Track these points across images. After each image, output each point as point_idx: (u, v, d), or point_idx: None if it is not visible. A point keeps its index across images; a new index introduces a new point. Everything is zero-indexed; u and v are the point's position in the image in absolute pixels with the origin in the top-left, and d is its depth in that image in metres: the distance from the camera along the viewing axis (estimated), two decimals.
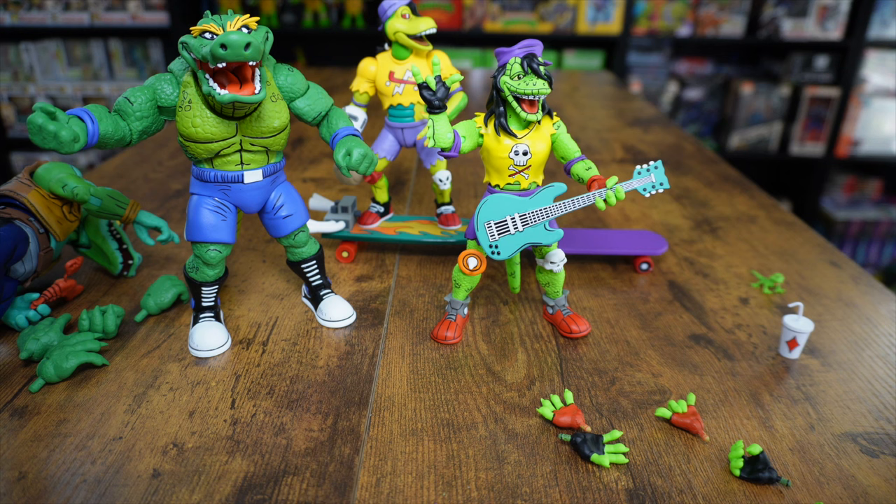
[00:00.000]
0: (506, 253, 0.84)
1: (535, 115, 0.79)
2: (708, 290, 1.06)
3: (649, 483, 0.67)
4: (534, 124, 0.82)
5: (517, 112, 0.79)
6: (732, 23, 2.96)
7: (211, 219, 0.83)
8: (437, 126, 0.80)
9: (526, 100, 0.78)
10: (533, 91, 0.77)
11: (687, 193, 1.49)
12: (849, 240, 3.10)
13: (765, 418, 0.77)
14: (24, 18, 2.86)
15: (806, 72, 3.02)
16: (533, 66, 0.77)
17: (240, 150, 0.80)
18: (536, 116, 0.79)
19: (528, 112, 0.79)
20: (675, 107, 3.18)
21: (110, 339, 0.89)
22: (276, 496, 0.65)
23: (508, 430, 0.74)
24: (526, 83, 0.77)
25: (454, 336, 0.90)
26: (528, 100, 0.78)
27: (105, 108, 0.75)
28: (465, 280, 0.90)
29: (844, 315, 1.00)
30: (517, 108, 0.79)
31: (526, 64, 0.77)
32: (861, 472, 0.70)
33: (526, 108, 0.79)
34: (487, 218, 0.83)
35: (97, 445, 0.71)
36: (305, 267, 0.94)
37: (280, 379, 0.82)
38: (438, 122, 0.80)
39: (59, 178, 0.90)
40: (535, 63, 0.77)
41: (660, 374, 0.85)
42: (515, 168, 0.82)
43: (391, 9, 0.98)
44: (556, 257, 0.87)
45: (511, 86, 0.78)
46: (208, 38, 0.70)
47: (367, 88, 1.05)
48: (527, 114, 0.79)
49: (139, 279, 1.06)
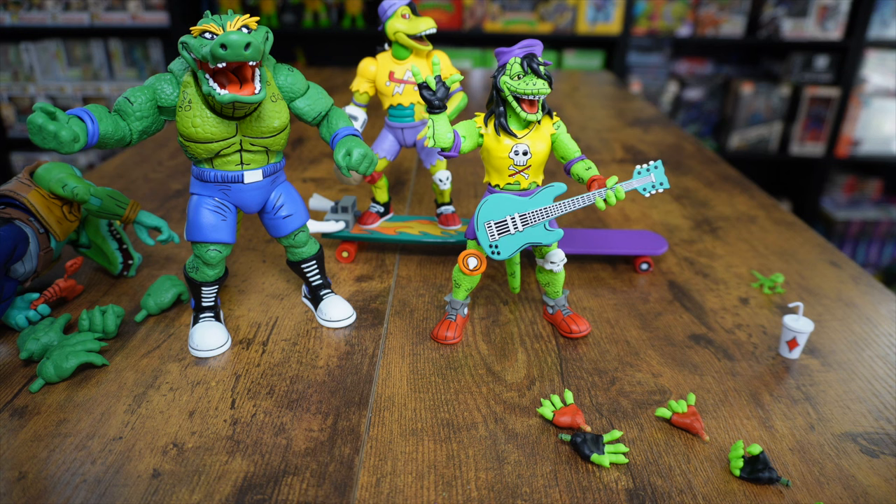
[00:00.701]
0: (506, 253, 0.84)
1: (535, 115, 0.79)
2: (708, 290, 1.06)
3: (649, 483, 0.67)
4: (534, 124, 0.82)
5: (517, 112, 0.79)
6: (732, 23, 2.96)
7: (211, 219, 0.83)
8: (437, 126, 0.80)
9: (526, 100, 0.78)
10: (533, 91, 0.77)
11: (687, 193, 1.49)
12: (849, 240, 3.10)
13: (765, 418, 0.77)
14: (24, 18, 2.86)
15: (806, 72, 3.02)
16: (533, 66, 0.77)
17: (240, 150, 0.80)
18: (536, 116, 0.79)
19: (528, 112, 0.79)
20: (675, 107, 3.18)
21: (110, 339, 0.89)
22: (276, 496, 0.65)
23: (508, 430, 0.74)
24: (526, 83, 0.77)
25: (454, 336, 0.90)
26: (527, 100, 0.78)
27: (105, 108, 0.75)
28: (465, 280, 0.90)
29: (844, 315, 1.00)
30: (517, 108, 0.79)
31: (526, 64, 0.77)
32: (861, 472, 0.70)
33: (526, 107, 0.79)
34: (487, 218, 0.83)
35: (97, 445, 0.71)
36: (305, 267, 0.94)
37: (280, 379, 0.82)
38: (438, 122, 0.80)
39: (59, 178, 0.90)
40: (535, 63, 0.77)
41: (660, 374, 0.85)
42: (515, 168, 0.82)
43: (391, 9, 0.98)
44: (556, 257, 0.87)
45: (511, 86, 0.78)
46: (208, 38, 0.70)
47: (367, 88, 1.05)
48: (527, 114, 0.79)
49: (139, 279, 1.06)
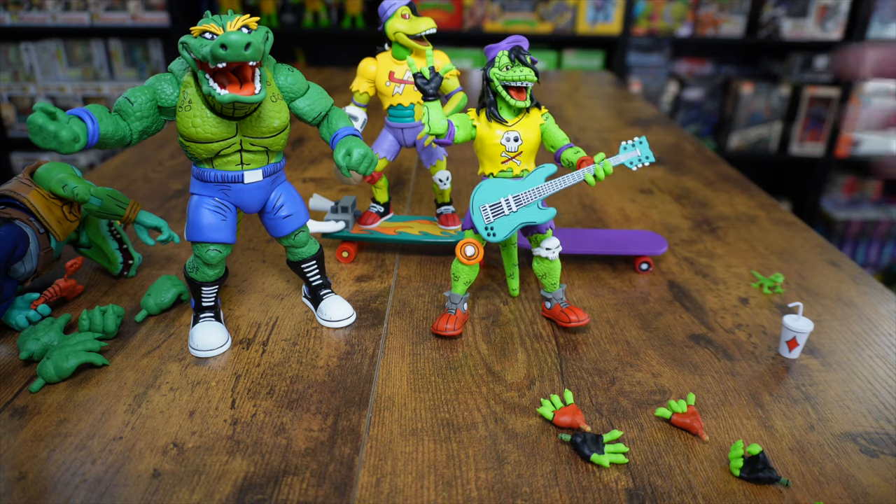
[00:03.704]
0: (501, 234, 0.86)
1: (524, 102, 0.83)
2: (708, 290, 1.06)
3: (649, 483, 0.67)
4: (523, 113, 0.85)
5: (507, 100, 0.83)
6: (732, 23, 2.96)
7: (211, 219, 0.83)
8: (432, 113, 0.84)
9: (514, 87, 0.82)
10: (520, 77, 0.81)
11: (687, 193, 1.49)
12: (849, 240, 3.10)
13: (764, 418, 0.77)
14: (24, 18, 2.86)
15: (806, 72, 3.02)
16: (520, 57, 0.82)
17: (240, 150, 0.80)
18: (525, 103, 0.83)
19: (516, 99, 0.83)
20: (675, 107, 3.18)
21: (110, 338, 0.90)
22: (276, 496, 0.65)
23: (508, 430, 0.74)
24: (514, 72, 0.81)
25: (454, 328, 0.90)
26: (515, 87, 0.82)
27: (105, 108, 0.75)
28: (464, 273, 0.90)
29: (844, 315, 1.00)
30: (506, 96, 0.83)
31: (513, 55, 0.82)
32: (861, 472, 0.70)
33: (514, 95, 0.83)
34: (482, 202, 0.86)
35: (97, 445, 0.71)
36: (305, 267, 0.94)
37: (280, 379, 0.82)
38: (433, 109, 0.84)
39: (59, 178, 0.90)
40: (522, 54, 0.82)
41: (660, 374, 0.85)
42: (507, 154, 0.86)
43: (391, 9, 0.98)
44: (552, 244, 0.90)
45: (500, 76, 0.82)
46: (208, 38, 0.70)
47: (367, 88, 1.05)
48: (516, 101, 0.83)
49: (139, 279, 1.06)
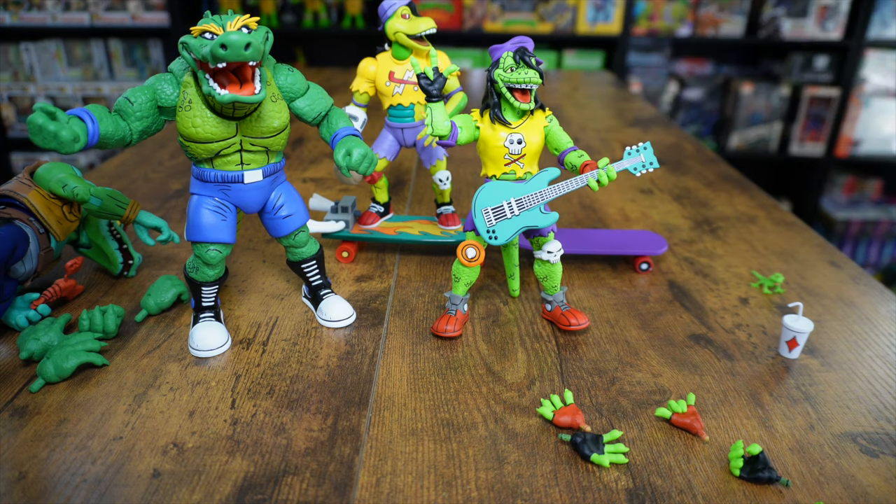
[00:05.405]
0: (503, 237, 0.86)
1: (528, 105, 0.83)
2: (708, 290, 1.06)
3: (649, 483, 0.67)
4: (527, 115, 0.85)
5: (511, 102, 0.83)
6: (732, 23, 2.96)
7: (211, 219, 0.83)
8: (435, 114, 0.84)
9: (518, 89, 0.82)
10: (525, 80, 0.80)
11: (687, 193, 1.49)
12: (849, 240, 3.10)
13: (764, 418, 0.77)
14: (24, 18, 2.86)
15: (806, 72, 3.02)
16: (525, 58, 0.81)
17: (240, 150, 0.80)
18: (529, 105, 0.83)
19: (521, 101, 0.82)
20: (675, 107, 3.18)
21: (110, 338, 0.90)
22: (276, 496, 0.65)
23: (508, 430, 0.74)
24: (518, 73, 0.81)
25: (454, 329, 0.90)
26: (520, 89, 0.82)
27: (105, 108, 0.75)
28: (465, 273, 0.90)
29: (844, 315, 1.00)
30: (511, 98, 0.82)
31: (518, 57, 0.81)
32: (861, 471, 0.70)
33: (518, 97, 0.82)
34: (485, 204, 0.86)
35: (97, 445, 0.71)
36: (305, 267, 0.94)
37: (280, 379, 0.82)
38: (436, 110, 0.84)
39: (59, 178, 0.90)
40: (527, 56, 0.81)
41: (660, 374, 0.85)
42: (511, 157, 0.85)
43: (391, 9, 0.98)
44: (553, 247, 0.89)
45: (504, 77, 0.82)
46: (208, 38, 0.70)
47: (367, 88, 1.05)
48: (520, 103, 0.82)
49: (139, 279, 1.06)
